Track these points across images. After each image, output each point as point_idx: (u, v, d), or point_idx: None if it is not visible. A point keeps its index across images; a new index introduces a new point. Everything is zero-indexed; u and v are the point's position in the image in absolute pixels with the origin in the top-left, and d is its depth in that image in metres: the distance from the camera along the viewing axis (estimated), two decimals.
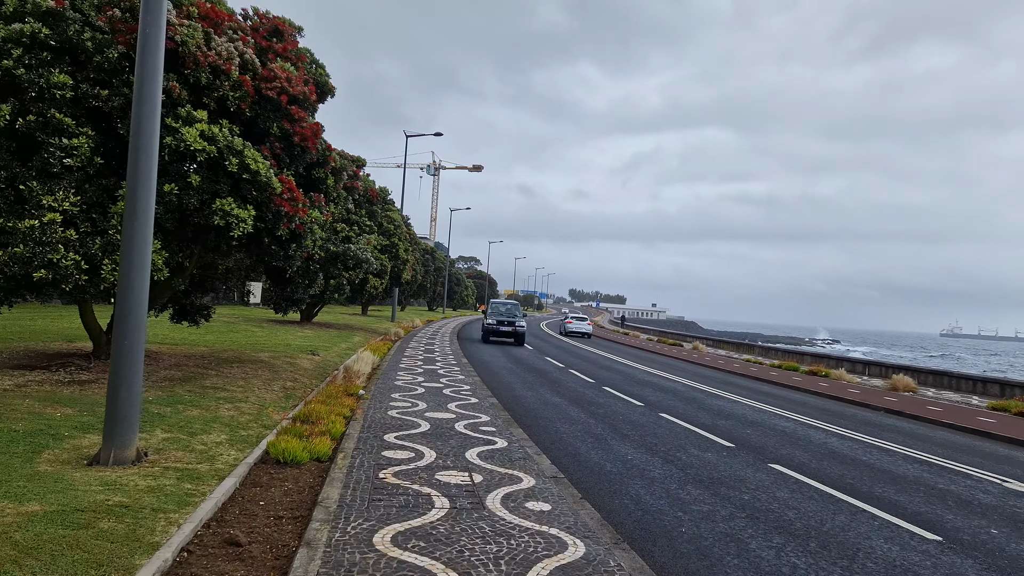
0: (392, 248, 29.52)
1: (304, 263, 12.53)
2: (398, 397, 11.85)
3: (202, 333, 20.09)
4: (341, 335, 25.34)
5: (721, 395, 17.38)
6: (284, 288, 12.96)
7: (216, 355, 14.68)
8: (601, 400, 14.52)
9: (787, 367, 26.37)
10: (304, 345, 19.40)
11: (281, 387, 11.58)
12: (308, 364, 15.17)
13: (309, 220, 10.71)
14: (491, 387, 14.92)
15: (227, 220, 9.38)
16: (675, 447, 9.80)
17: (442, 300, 78.66)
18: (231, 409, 9.15)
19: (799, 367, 26.09)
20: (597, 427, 11.05)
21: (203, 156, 9.13)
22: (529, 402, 13.36)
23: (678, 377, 21.69)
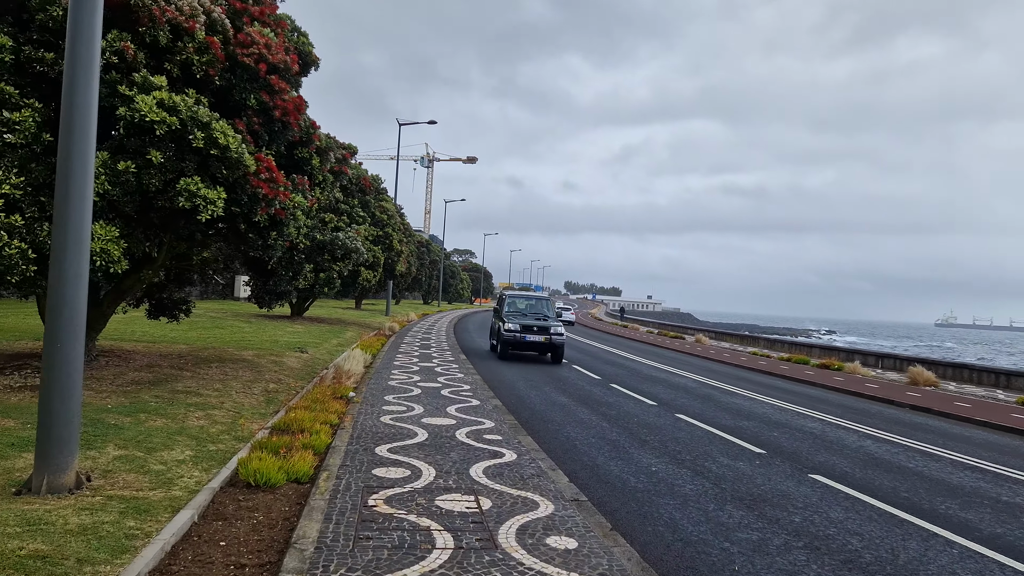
0: (386, 239, 28.38)
1: (287, 253, 11.42)
2: (392, 400, 10.77)
3: (184, 329, 18.98)
4: (332, 330, 24.24)
5: (736, 392, 16.37)
6: (266, 281, 11.85)
7: (195, 354, 13.57)
8: (611, 399, 13.48)
9: (797, 360, 25.40)
10: (292, 342, 18.29)
11: (263, 390, 10.49)
12: (295, 363, 14.07)
13: (291, 205, 9.60)
14: (493, 386, 13.87)
15: (193, 202, 8.26)
16: (701, 455, 8.77)
17: (437, 293, 77.53)
18: (202, 418, 8.06)
19: (809, 360, 25.12)
20: (612, 431, 10.01)
21: (163, 129, 8.00)
22: (535, 403, 12.31)
23: (686, 372, 20.68)
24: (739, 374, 21.49)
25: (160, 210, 8.94)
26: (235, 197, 8.89)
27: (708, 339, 37.07)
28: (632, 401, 13.44)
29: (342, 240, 11.63)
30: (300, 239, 11.29)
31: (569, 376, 17.18)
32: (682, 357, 27.20)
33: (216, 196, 8.39)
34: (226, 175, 8.64)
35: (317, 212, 12.56)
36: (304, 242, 11.35)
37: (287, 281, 11.82)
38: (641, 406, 12.84)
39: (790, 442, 10.14)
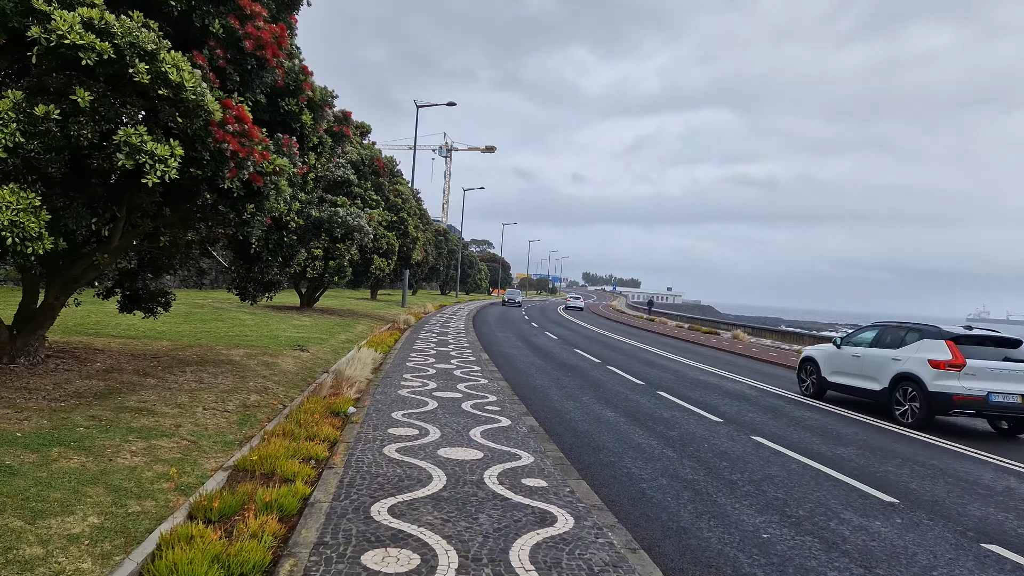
0: (400, 225, 26.25)
1: (275, 233, 9.26)
2: (402, 418, 8.59)
3: (178, 322, 16.98)
4: (343, 323, 22.17)
5: (809, 403, 14.00)
6: (249, 267, 9.70)
7: (174, 353, 11.50)
8: (665, 413, 11.20)
9: None
10: (294, 338, 16.21)
11: (240, 404, 8.35)
12: (291, 364, 11.95)
13: (271, 169, 7.41)
14: (523, 396, 11.66)
15: (136, 160, 6.10)
16: (816, 509, 6.48)
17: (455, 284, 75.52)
18: (141, 452, 5.93)
19: None
20: (683, 465, 7.74)
21: (91, 58, 5.84)
22: (576, 421, 10.06)
23: (738, 376, 18.31)
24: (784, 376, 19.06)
25: (100, 173, 6.80)
26: (195, 156, 6.72)
27: (746, 335, 34.56)
28: (691, 416, 11.15)
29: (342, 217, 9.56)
30: (289, 215, 9.14)
31: (607, 380, 14.92)
32: (724, 356, 24.79)
33: (167, 152, 6.22)
34: (182, 125, 6.47)
35: (315, 187, 10.38)
36: (295, 220, 9.20)
37: (276, 268, 9.69)
38: (704, 424, 10.55)
39: (931, 488, 7.80)
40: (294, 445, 6.44)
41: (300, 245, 9.92)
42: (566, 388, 13.28)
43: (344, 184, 24.26)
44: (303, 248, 10.09)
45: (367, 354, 12.83)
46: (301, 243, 9.86)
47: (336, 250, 18.68)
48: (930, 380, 11.37)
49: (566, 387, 13.44)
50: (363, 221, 9.53)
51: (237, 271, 9.96)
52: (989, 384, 11.06)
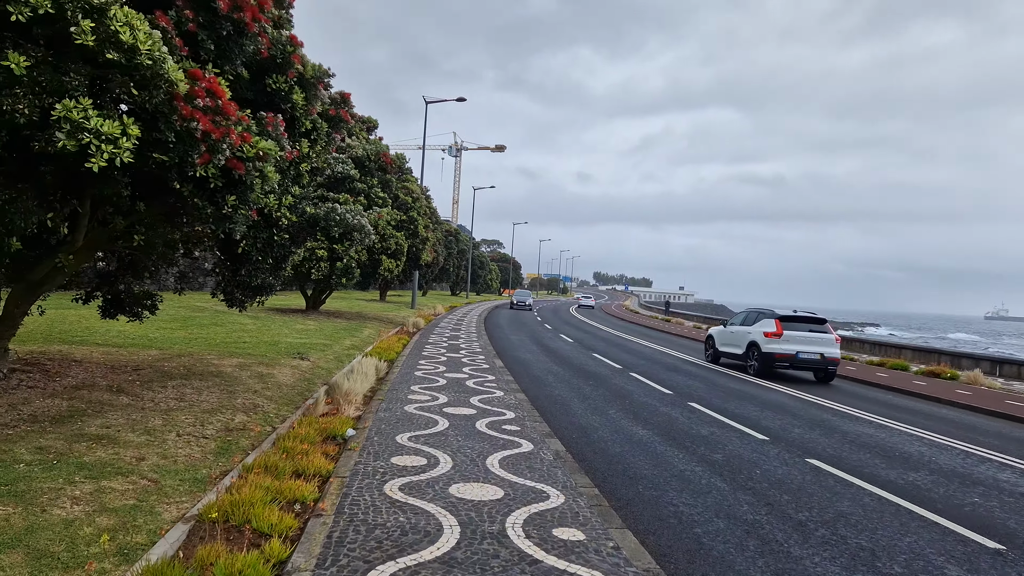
0: (410, 224, 25.15)
1: (264, 231, 8.14)
2: (408, 443, 7.46)
3: (174, 328, 15.96)
4: (349, 327, 21.10)
5: (858, 415, 12.75)
6: (236, 269, 8.59)
7: (160, 364, 10.43)
8: (702, 430, 10.01)
9: (892, 365, 21.54)
10: (296, 344, 15.14)
11: (221, 428, 7.25)
12: (287, 376, 10.85)
13: (252, 153, 6.29)
14: (543, 411, 10.51)
15: (78, 139, 5.00)
16: (913, 558, 5.28)
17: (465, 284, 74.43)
18: (86, 498, 4.83)
19: (908, 366, 21.24)
20: (738, 501, 6.56)
21: (23, 13, 4.75)
22: (606, 441, 8.89)
23: (769, 383, 17.05)
24: (841, 386, 17.77)
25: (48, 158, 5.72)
26: (158, 137, 5.61)
27: None
28: (732, 434, 9.95)
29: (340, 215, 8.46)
30: (280, 211, 8.02)
31: (632, 390, 13.73)
32: None
33: (117, 131, 5.11)
34: (139, 98, 5.37)
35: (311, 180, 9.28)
36: (287, 216, 8.09)
37: (268, 270, 8.58)
38: (749, 443, 9.35)
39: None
40: (276, 484, 5.32)
41: (294, 245, 8.80)
42: (589, 400, 12.11)
43: (345, 180, 23.20)
44: (296, 248, 8.96)
45: (371, 364, 11.72)
46: (295, 243, 8.73)
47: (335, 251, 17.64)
48: (763, 344, 17.19)
49: (589, 398, 12.27)
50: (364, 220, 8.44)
51: (222, 274, 8.86)
52: (798, 346, 16.86)
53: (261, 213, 8.00)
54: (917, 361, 23.18)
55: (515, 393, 11.62)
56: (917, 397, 16.24)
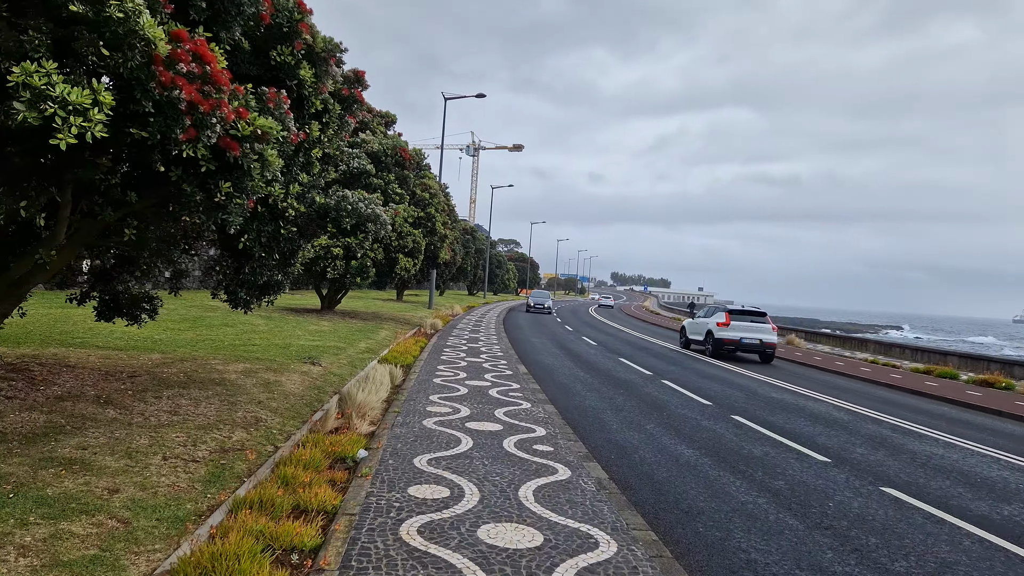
0: (428, 222, 24.25)
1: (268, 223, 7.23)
2: (427, 467, 6.51)
3: (182, 329, 15.20)
4: (365, 329, 20.25)
5: (920, 432, 11.62)
6: (239, 266, 7.70)
7: (159, 370, 9.60)
8: (754, 449, 8.97)
9: (940, 374, 20.25)
10: (308, 347, 14.29)
11: (217, 447, 6.35)
12: (296, 384, 9.96)
13: (249, 131, 5.38)
14: (576, 425, 9.53)
15: (41, 109, 4.11)
16: None
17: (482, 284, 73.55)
18: (35, 548, 3.93)
19: (958, 374, 19.93)
20: (818, 545, 5.53)
21: None
22: (650, 464, 7.89)
23: (810, 391, 15.92)
24: (891, 397, 16.61)
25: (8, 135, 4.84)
26: (136, 109, 4.71)
27: (801, 340, 31.87)
28: (789, 455, 8.90)
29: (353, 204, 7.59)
30: (287, 201, 7.11)
31: (667, 400, 12.69)
32: (785, 366, 22.31)
33: (87, 100, 4.21)
34: (110, 60, 4.47)
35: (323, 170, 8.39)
36: (294, 206, 7.18)
37: (275, 267, 7.68)
38: (810, 466, 8.30)
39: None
40: (271, 527, 4.40)
41: (303, 239, 7.87)
42: (623, 412, 11.09)
43: (361, 176, 22.35)
44: (306, 242, 8.03)
45: (386, 371, 10.81)
46: (304, 236, 7.81)
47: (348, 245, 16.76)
48: (715, 332, 21.58)
49: (623, 410, 11.25)
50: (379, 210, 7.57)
51: (223, 271, 7.97)
52: (742, 333, 21.14)
53: (265, 203, 7.11)
54: (965, 369, 21.85)
55: (543, 404, 10.64)
56: (976, 410, 15.03)
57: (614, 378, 15.33)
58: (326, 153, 8.57)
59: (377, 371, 10.47)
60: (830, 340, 33.49)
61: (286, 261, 7.90)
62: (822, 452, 9.21)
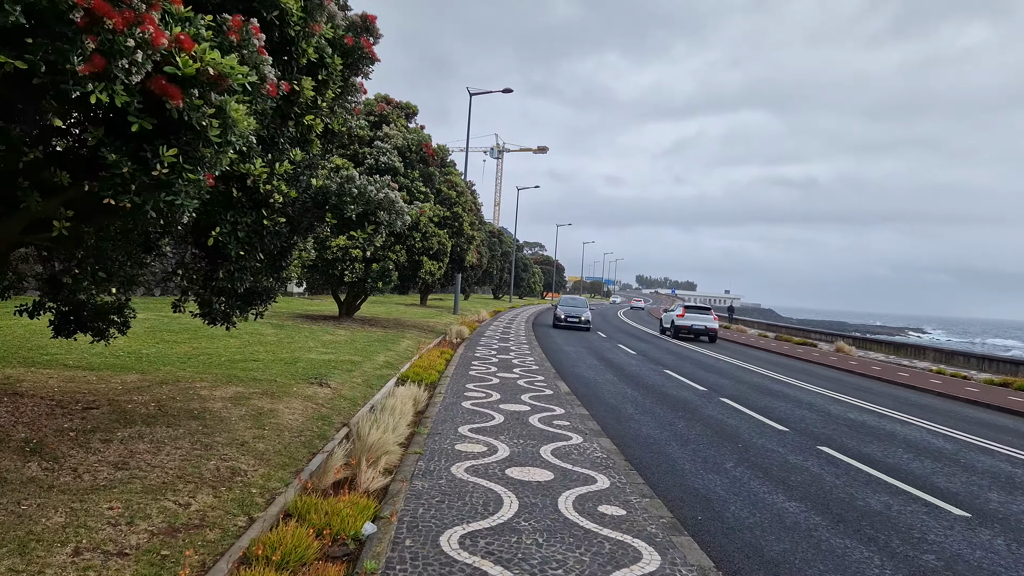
0: (454, 221, 22.48)
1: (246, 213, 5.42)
2: (461, 553, 4.63)
3: (179, 340, 13.60)
4: (385, 338, 18.51)
5: None
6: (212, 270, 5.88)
7: (126, 399, 7.88)
8: (871, 501, 6.98)
9: (1019, 386, 17.90)
10: (320, 361, 12.56)
11: (164, 526, 4.54)
12: (295, 415, 8.17)
13: (193, 70, 3.57)
14: (642, 467, 7.61)
15: None
16: None
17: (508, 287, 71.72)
18: None
19: None
20: None
21: None
22: (755, 529, 5.93)
23: (897, 413, 13.79)
24: (980, 416, 14.42)
25: None
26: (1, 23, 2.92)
27: (851, 347, 29.50)
28: (912, 506, 6.89)
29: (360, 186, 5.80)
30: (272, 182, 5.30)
31: (738, 426, 10.71)
32: (843, 377, 20.13)
33: None
34: None
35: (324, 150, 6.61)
36: (281, 190, 5.37)
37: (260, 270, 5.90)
38: (949, 524, 6.28)
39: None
40: None
41: (296, 233, 6.06)
42: (692, 445, 9.13)
43: (389, 173, 20.63)
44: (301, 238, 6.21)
45: (407, 395, 8.99)
46: (297, 230, 5.99)
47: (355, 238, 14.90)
48: (676, 320, 30.42)
49: (691, 442, 9.29)
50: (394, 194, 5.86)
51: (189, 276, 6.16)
52: (693, 321, 29.82)
53: (242, 186, 5.33)
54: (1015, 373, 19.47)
55: (596, 438, 8.71)
56: None
57: (666, 396, 13.36)
58: (329, 128, 6.78)
59: (396, 395, 8.64)
60: (882, 347, 31.04)
61: (275, 262, 6.11)
62: (952, 502, 7.19)
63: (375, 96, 23.13)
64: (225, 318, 6.51)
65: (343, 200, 5.60)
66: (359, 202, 5.63)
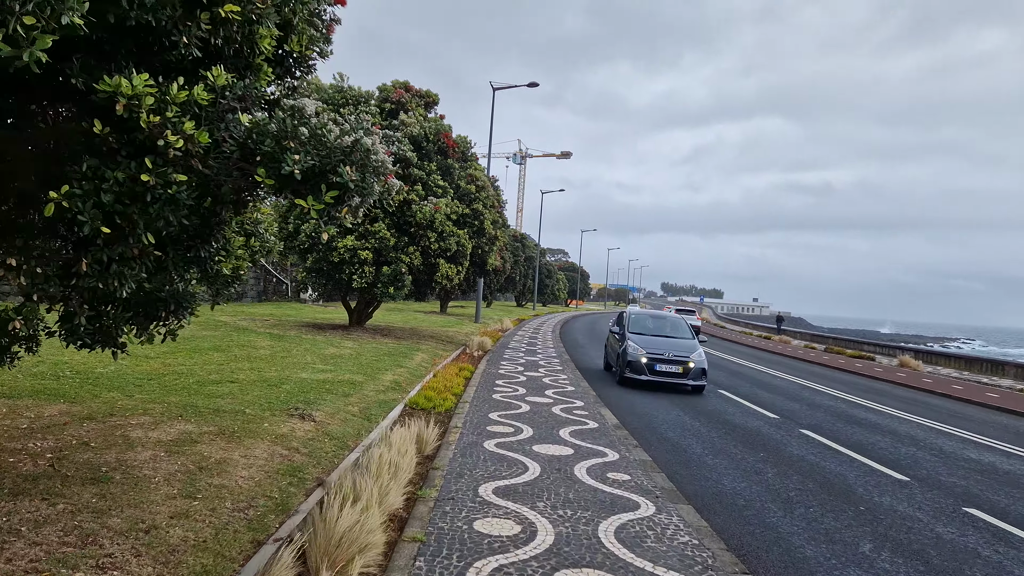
0: (474, 219, 20.19)
1: (118, 164, 3.12)
2: None
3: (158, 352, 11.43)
4: (397, 351, 16.24)
5: None
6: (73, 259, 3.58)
7: (12, 446, 5.65)
8: None
9: None
10: (312, 382, 10.30)
11: None
12: (253, 470, 5.85)
13: None
14: (750, 555, 5.15)
15: None
16: None
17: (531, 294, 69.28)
18: None
19: None
20: None
21: None
22: None
23: (1008, 445, 11.16)
24: None
25: None
26: None
27: (918, 362, 26.55)
28: None
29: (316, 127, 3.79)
30: (166, 112, 3.04)
31: (840, 472, 8.20)
32: (926, 399, 17.39)
33: None
34: None
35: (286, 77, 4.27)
36: (186, 132, 3.15)
37: (160, 264, 3.65)
38: None
39: None
40: None
41: (220, 204, 3.74)
42: (799, 509, 6.65)
43: (401, 163, 18.41)
44: (228, 210, 3.89)
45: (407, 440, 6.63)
46: (219, 198, 3.68)
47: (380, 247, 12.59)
48: None
49: (795, 503, 6.81)
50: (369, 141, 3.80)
51: (32, 268, 3.79)
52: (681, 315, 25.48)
53: (105, 118, 3.08)
54: None
55: (672, 503, 6.25)
56: None
57: (733, 427, 10.88)
58: (286, 50, 4.54)
59: (392, 442, 6.28)
60: (951, 361, 28.03)
61: (182, 250, 3.84)
62: None
63: (392, 82, 20.98)
64: (105, 339, 4.22)
65: (283, 146, 3.28)
66: (310, 150, 3.30)
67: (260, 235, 4.86)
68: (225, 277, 4.75)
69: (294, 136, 3.39)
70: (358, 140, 3.47)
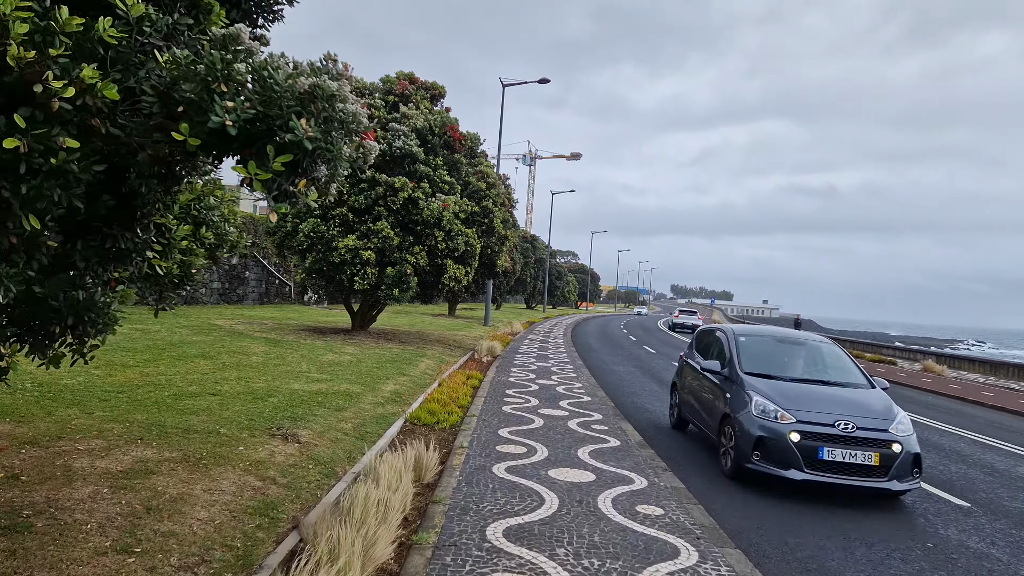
0: (483, 218, 19.19)
1: None
2: None
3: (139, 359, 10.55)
4: (401, 356, 15.26)
5: None
6: None
7: None
8: None
9: None
10: (304, 393, 9.34)
11: None
12: (216, 508, 4.87)
13: None
14: None
15: None
16: None
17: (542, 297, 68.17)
18: None
19: None
20: None
21: None
22: None
23: None
24: None
25: None
26: None
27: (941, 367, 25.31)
28: None
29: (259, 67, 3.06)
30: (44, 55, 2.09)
31: (914, 514, 7.14)
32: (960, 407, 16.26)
33: None
34: None
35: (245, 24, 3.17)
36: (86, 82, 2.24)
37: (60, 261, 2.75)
38: None
39: None
40: None
41: (143, 180, 2.82)
42: (860, 549, 5.60)
43: (405, 159, 17.42)
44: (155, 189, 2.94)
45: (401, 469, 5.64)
46: (142, 170, 2.76)
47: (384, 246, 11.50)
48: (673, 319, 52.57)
49: (854, 546, 5.77)
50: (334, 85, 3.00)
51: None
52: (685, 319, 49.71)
53: None
54: None
55: (717, 546, 5.23)
56: None
57: None
58: None
59: (381, 473, 5.28)
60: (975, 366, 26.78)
61: (97, 241, 2.89)
62: None
63: (397, 73, 20.03)
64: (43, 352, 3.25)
65: (211, 91, 2.30)
66: (251, 96, 2.32)
67: (213, 223, 3.89)
68: (168, 277, 3.76)
69: (227, 77, 2.40)
70: (318, 84, 2.48)
